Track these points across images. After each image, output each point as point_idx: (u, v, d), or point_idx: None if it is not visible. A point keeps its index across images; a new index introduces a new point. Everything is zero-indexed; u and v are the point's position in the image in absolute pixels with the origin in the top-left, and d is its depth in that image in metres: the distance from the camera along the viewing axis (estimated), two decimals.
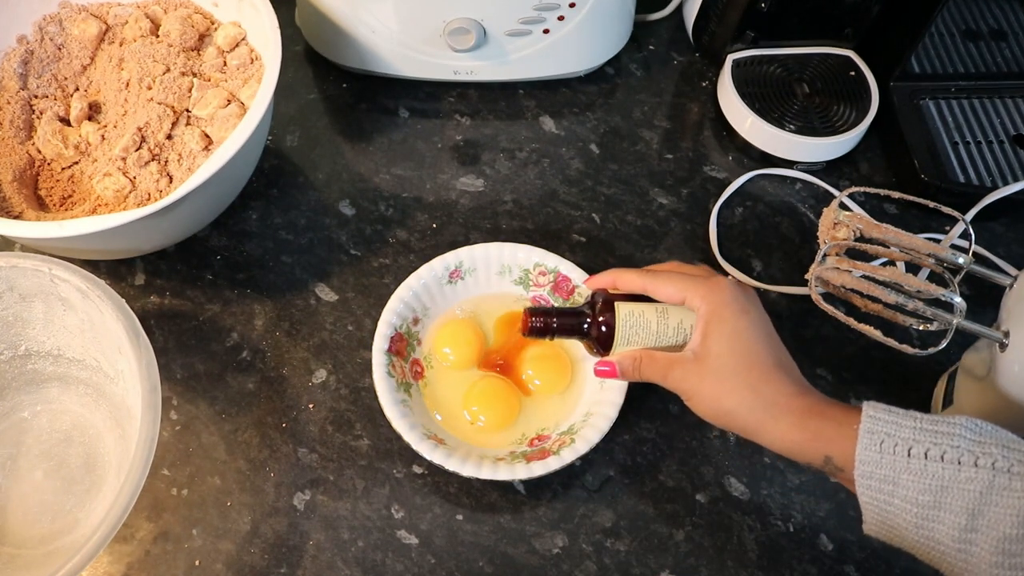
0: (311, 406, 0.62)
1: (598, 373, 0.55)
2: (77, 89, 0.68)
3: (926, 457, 0.43)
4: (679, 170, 0.74)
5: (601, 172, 0.74)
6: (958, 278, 0.58)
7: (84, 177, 0.65)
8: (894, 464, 0.43)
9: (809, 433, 0.47)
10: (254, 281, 0.67)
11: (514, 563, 0.57)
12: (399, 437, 0.56)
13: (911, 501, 0.43)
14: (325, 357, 0.64)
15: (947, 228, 0.71)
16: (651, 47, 0.82)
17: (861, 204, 0.72)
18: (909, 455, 0.43)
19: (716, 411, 0.50)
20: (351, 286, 0.67)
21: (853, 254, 0.65)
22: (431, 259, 0.63)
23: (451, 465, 0.55)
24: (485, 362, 0.62)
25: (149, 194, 0.62)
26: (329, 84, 0.78)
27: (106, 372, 0.58)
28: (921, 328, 0.59)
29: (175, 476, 0.59)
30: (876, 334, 0.59)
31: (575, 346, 0.62)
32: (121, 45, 0.68)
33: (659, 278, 0.54)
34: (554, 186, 0.73)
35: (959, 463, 0.42)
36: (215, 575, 0.56)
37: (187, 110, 0.65)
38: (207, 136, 0.64)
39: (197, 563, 0.56)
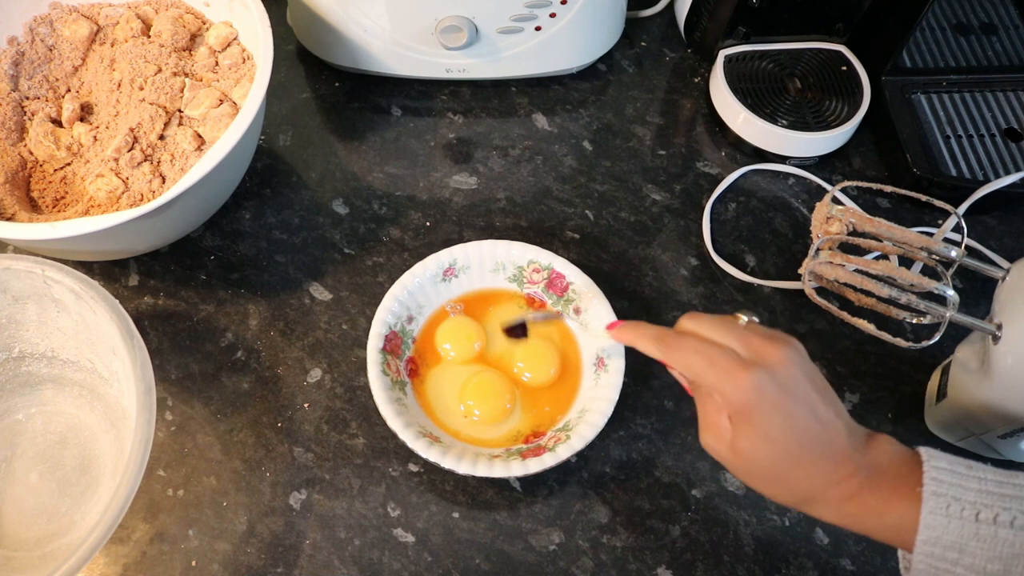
0: (306, 405, 0.62)
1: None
2: (69, 90, 0.68)
3: (995, 522, 0.39)
4: (672, 166, 0.74)
5: (594, 169, 0.74)
6: (951, 271, 0.58)
7: (76, 178, 0.64)
8: (962, 530, 0.40)
9: (850, 518, 0.44)
10: (248, 281, 0.67)
11: (511, 560, 0.57)
12: (394, 436, 0.56)
13: (977, 570, 0.39)
14: (320, 356, 0.64)
15: (939, 222, 0.71)
16: (643, 43, 0.82)
17: (854, 198, 0.72)
18: (977, 519, 0.40)
19: (754, 486, 0.47)
20: (345, 285, 0.67)
21: (846, 248, 0.65)
22: (425, 257, 0.63)
23: (447, 463, 0.55)
24: (483, 358, 0.62)
25: (142, 195, 0.62)
26: (321, 83, 0.78)
27: (100, 373, 0.58)
28: (915, 321, 0.59)
29: (171, 477, 0.59)
30: (870, 328, 0.59)
31: (565, 338, 0.62)
32: (112, 46, 0.68)
33: (680, 351, 0.47)
34: (547, 183, 0.73)
35: None
36: (212, 575, 0.56)
37: (179, 110, 0.65)
38: (199, 136, 0.64)
39: (194, 564, 0.56)
